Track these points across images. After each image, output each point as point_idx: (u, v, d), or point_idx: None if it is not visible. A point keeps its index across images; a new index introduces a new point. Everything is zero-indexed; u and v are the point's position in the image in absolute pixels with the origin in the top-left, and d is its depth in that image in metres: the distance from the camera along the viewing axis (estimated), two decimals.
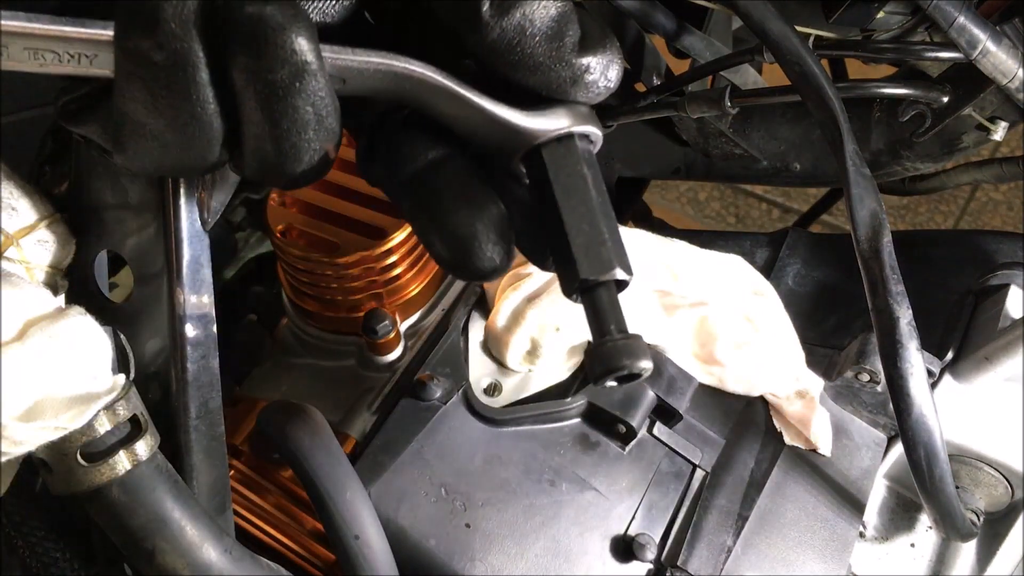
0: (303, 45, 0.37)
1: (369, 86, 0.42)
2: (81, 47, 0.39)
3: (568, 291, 0.43)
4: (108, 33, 0.38)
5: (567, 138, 0.44)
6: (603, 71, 0.43)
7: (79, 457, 0.47)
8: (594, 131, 0.45)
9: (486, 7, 0.41)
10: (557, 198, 0.43)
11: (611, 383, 0.42)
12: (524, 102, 0.44)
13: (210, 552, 0.51)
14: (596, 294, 0.42)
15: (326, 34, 0.41)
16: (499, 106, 0.43)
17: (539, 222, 0.45)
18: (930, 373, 0.78)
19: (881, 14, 0.70)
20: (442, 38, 0.44)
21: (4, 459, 0.43)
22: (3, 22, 0.38)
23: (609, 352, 0.41)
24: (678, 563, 0.70)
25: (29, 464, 0.49)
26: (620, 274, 0.42)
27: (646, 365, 0.41)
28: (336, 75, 0.41)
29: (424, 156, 0.45)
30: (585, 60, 0.42)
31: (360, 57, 0.41)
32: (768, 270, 0.93)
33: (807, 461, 0.79)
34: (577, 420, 0.75)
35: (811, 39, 0.72)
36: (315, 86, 0.39)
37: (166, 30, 0.37)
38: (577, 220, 0.43)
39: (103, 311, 0.53)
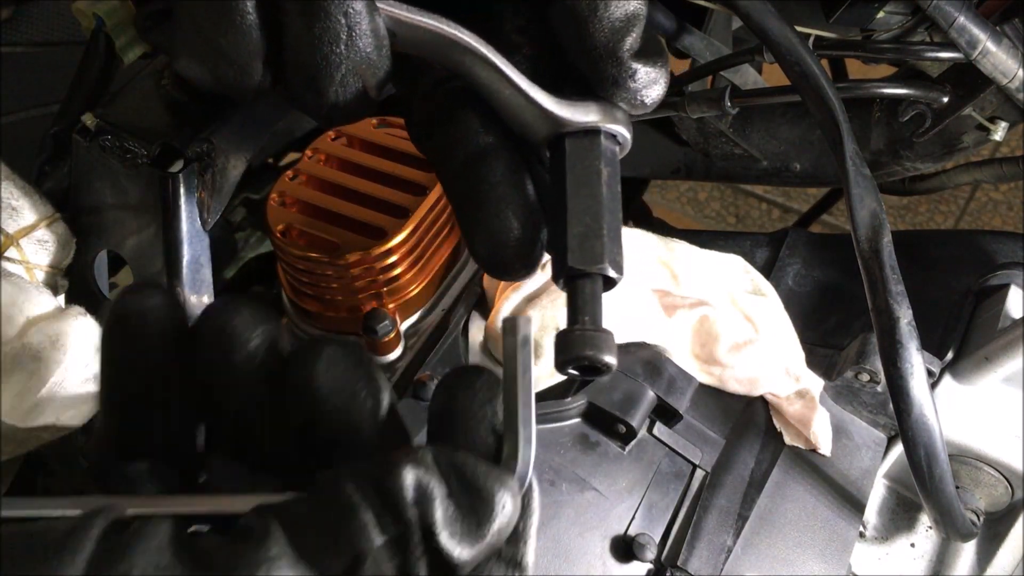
0: None
1: (418, 45, 0.44)
2: None
3: (556, 276, 0.43)
4: None
5: (593, 132, 0.45)
6: (647, 85, 0.44)
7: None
8: (623, 132, 0.46)
9: None
10: (567, 186, 0.44)
11: (572, 372, 0.42)
12: (564, 92, 0.45)
13: None
14: (579, 284, 0.42)
15: None
16: (536, 89, 0.44)
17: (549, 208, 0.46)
18: (930, 373, 0.78)
19: (881, 14, 0.70)
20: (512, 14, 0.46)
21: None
22: None
23: (574, 340, 0.41)
24: (678, 563, 0.70)
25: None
26: (609, 271, 0.42)
27: (610, 360, 0.41)
28: (388, 25, 0.43)
29: (474, 140, 0.46)
30: (635, 65, 0.43)
31: (413, 15, 0.43)
32: (768, 270, 0.93)
33: (807, 461, 0.79)
34: (577, 420, 0.74)
35: (811, 39, 0.72)
36: None
37: None
38: (581, 211, 0.43)
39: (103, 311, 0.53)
